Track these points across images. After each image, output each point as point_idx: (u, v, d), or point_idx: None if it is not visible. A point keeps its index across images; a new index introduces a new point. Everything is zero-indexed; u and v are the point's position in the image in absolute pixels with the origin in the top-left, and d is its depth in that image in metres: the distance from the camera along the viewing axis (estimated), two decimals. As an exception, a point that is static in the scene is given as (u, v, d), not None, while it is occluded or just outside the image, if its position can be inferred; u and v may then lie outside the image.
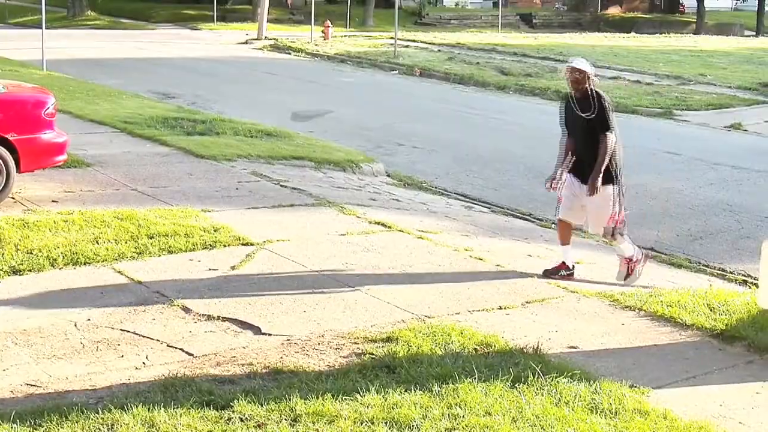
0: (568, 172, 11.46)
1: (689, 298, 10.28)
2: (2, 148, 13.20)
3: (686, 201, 16.63)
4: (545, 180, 11.65)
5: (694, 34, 65.32)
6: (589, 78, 11.20)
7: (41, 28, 33.06)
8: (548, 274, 11.27)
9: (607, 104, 11.15)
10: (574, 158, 11.42)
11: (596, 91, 11.21)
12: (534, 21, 73.70)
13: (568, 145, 11.50)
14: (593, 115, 11.08)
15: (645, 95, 31.45)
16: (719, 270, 12.76)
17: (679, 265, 12.79)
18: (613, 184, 11.27)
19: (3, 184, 13.23)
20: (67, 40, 45.61)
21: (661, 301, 10.18)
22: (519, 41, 52.05)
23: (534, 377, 7.80)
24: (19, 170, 13.42)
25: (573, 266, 11.49)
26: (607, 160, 11.09)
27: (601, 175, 11.09)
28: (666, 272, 12.34)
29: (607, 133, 11.07)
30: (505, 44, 49.02)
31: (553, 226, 14.45)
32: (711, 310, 9.95)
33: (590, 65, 11.34)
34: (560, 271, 11.33)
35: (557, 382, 7.75)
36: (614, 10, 76.68)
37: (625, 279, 11.47)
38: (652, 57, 43.43)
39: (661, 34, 62.74)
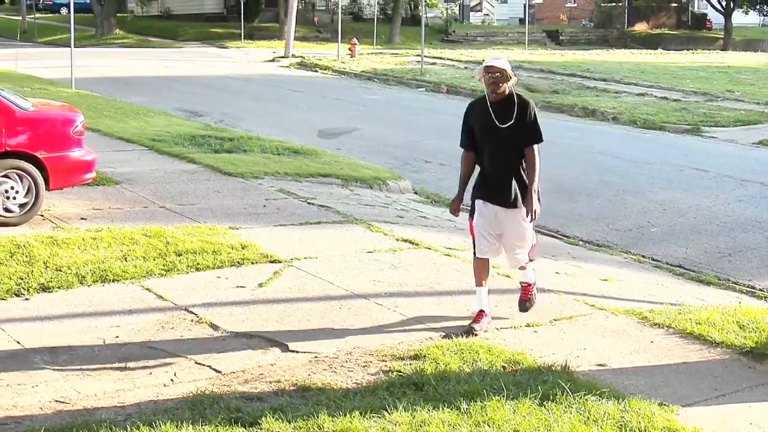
0: (478, 198, 9.80)
1: (718, 316, 10.20)
2: (31, 165, 13.29)
3: (715, 217, 16.54)
4: (450, 202, 10.23)
5: (722, 50, 65.22)
6: (510, 79, 9.54)
7: (70, 46, 33.30)
8: (471, 331, 9.44)
9: (536, 111, 9.65)
10: (481, 179, 9.83)
11: (520, 96, 9.63)
12: (561, 38, 73.72)
13: (470, 161, 9.88)
14: (513, 124, 9.47)
15: (672, 112, 31.34)
16: (748, 287, 12.66)
17: (707, 282, 12.70)
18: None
19: (32, 202, 13.31)
20: (96, 58, 45.90)
21: (690, 319, 10.10)
22: (545, 58, 52.00)
23: (562, 395, 7.76)
24: (48, 188, 13.50)
25: (489, 313, 9.79)
26: (537, 177, 9.60)
27: (536, 196, 9.61)
28: (695, 289, 12.26)
29: (537, 146, 9.61)
30: (532, 61, 48.97)
31: (581, 243, 14.44)
32: (740, 328, 9.88)
33: (510, 65, 9.65)
34: (482, 321, 9.61)
35: (586, 399, 7.70)
36: (641, 27, 76.52)
37: (527, 309, 10.16)
38: (680, 73, 43.30)
39: (688, 50, 62.62)
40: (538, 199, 9.64)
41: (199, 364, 8.58)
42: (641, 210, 16.91)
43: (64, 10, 77.18)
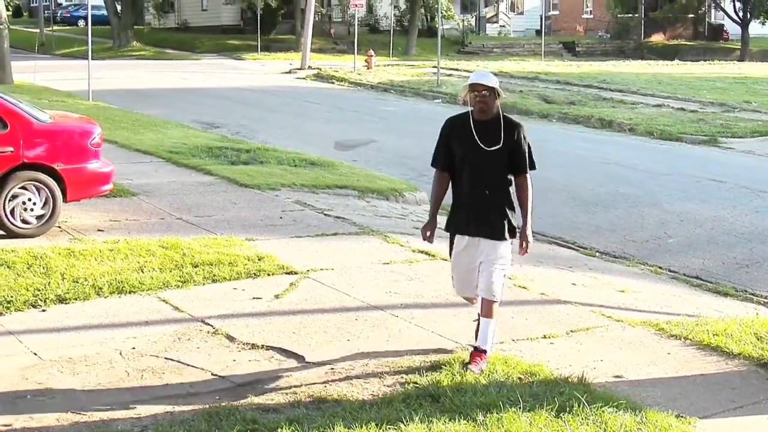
0: (455, 231, 8.95)
1: (736, 327, 10.15)
2: (49, 177, 13.34)
3: (732, 229, 16.49)
4: (421, 228, 9.21)
5: (739, 61, 65.16)
6: (499, 97, 8.80)
7: (87, 59, 33.44)
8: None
9: (527, 135, 8.88)
10: (458, 207, 8.93)
11: (508, 117, 8.92)
12: (577, 49, 73.70)
13: (445, 182, 9.01)
14: (501, 148, 8.64)
15: (689, 123, 31.29)
16: (766, 298, 12.61)
17: (725, 293, 12.66)
18: (514, 239, 8.91)
19: (50, 214, 13.36)
20: (113, 70, 46.10)
21: (708, 330, 10.06)
22: (562, 69, 52.00)
23: (579, 407, 7.73)
24: (65, 199, 13.55)
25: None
26: (531, 208, 8.84)
27: (531, 228, 8.78)
28: (712, 301, 12.22)
29: (528, 174, 8.84)
30: (548, 72, 48.97)
31: (597, 254, 14.40)
32: (758, 339, 9.83)
33: (497, 81, 8.92)
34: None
35: (603, 411, 7.68)
36: (658, 38, 76.44)
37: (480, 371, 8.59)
38: (696, 84, 43.24)
39: (705, 61, 62.59)
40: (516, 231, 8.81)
41: (216, 375, 8.57)
42: (658, 221, 16.87)
43: (81, 23, 77.48)
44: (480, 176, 8.73)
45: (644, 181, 20.80)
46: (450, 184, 9.01)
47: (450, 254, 9.19)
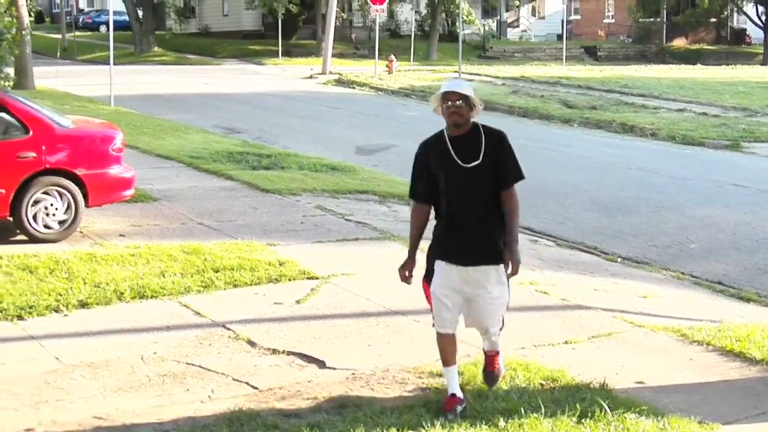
0: (439, 258, 7.93)
1: (758, 333, 10.11)
2: (71, 182, 13.40)
3: (754, 234, 16.41)
4: (399, 268, 8.08)
5: (761, 65, 64.87)
6: (475, 107, 7.92)
7: (109, 64, 33.57)
8: (444, 411, 7.74)
9: (510, 143, 8.02)
10: (442, 234, 7.96)
11: (488, 127, 8.01)
12: (598, 53, 73.49)
13: (424, 216, 8.08)
14: (482, 163, 7.75)
15: (712, 127, 31.13)
16: (789, 304, 12.56)
17: (747, 299, 12.58)
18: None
19: (72, 219, 13.41)
20: (135, 75, 46.24)
21: (730, 336, 10.01)
22: (583, 74, 51.85)
23: (601, 413, 7.71)
24: (87, 205, 13.60)
25: (463, 397, 7.93)
26: (517, 225, 7.99)
27: (517, 247, 7.88)
28: (734, 306, 12.16)
29: (514, 187, 7.94)
30: (570, 77, 48.86)
31: (619, 260, 14.35)
32: (781, 345, 9.79)
33: (473, 90, 8.03)
34: (456, 407, 7.75)
35: (624, 417, 7.65)
36: (679, 42, 76.21)
37: (495, 382, 8.37)
38: (719, 89, 43.03)
39: (727, 65, 62.22)
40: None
41: (237, 380, 8.59)
42: (680, 226, 16.81)
43: (103, 28, 77.86)
44: (464, 196, 7.80)
45: (666, 186, 20.73)
46: (430, 215, 8.07)
47: (425, 285, 8.11)
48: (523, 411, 7.69)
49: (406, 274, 8.00)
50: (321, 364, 9.03)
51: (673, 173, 22.50)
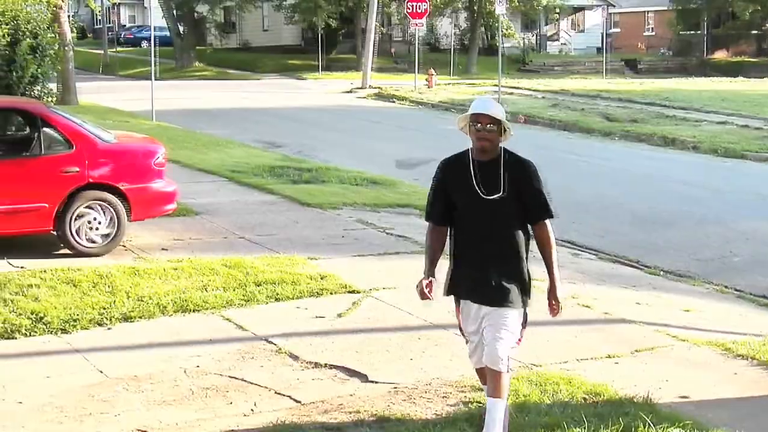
0: (454, 294, 7.50)
1: (804, 347, 10.03)
2: (114, 197, 13.48)
3: (799, 247, 16.27)
4: (417, 285, 7.46)
5: (804, 77, 64.26)
6: (506, 132, 7.28)
7: (151, 79, 33.79)
8: None
9: (540, 175, 7.31)
10: (457, 266, 7.45)
11: (515, 155, 7.33)
12: (639, 66, 73.23)
13: (441, 237, 7.61)
14: (506, 196, 7.12)
15: (754, 140, 30.90)
16: (834, 318, 12.42)
17: (792, 313, 12.48)
18: (528, 297, 7.46)
19: (115, 233, 13.50)
20: (176, 90, 46.50)
21: (775, 350, 9.95)
22: (624, 87, 51.68)
23: (644, 427, 7.66)
24: (130, 219, 13.68)
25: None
26: (556, 261, 7.32)
27: (560, 286, 7.34)
28: (779, 320, 12.06)
29: (548, 221, 7.28)
30: (610, 90, 48.69)
31: (661, 273, 14.26)
32: (827, 360, 9.70)
33: (504, 112, 7.39)
34: None
35: (668, 432, 7.62)
36: (721, 55, 75.76)
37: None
38: (761, 101, 42.71)
39: (769, 77, 61.75)
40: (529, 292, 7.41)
41: (279, 393, 8.61)
42: (723, 239, 16.69)
43: (144, 44, 78.28)
44: (482, 230, 7.21)
45: (708, 199, 20.61)
46: (447, 237, 7.55)
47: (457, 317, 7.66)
48: (565, 425, 7.65)
49: (426, 289, 7.36)
50: (363, 377, 9.04)
51: (715, 186, 22.37)
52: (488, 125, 7.14)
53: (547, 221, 7.21)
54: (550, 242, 7.22)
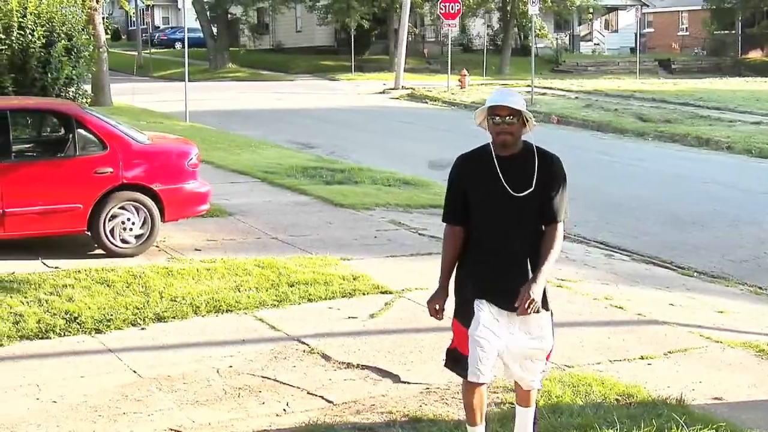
0: (475, 296, 6.65)
1: (839, 349, 9.96)
2: (147, 198, 13.54)
3: (836, 249, 16.15)
4: (428, 301, 6.91)
5: (839, 77, 63.82)
6: (528, 123, 6.67)
7: (184, 80, 33.91)
8: None
9: (564, 173, 6.74)
10: (477, 269, 6.68)
11: (541, 149, 6.74)
12: (673, 66, 72.93)
13: (458, 239, 6.78)
14: (534, 191, 6.55)
15: (789, 140, 30.73)
16: None
17: (827, 314, 12.39)
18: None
19: (148, 233, 13.55)
20: (209, 91, 46.66)
21: (810, 352, 9.89)
22: (657, 87, 51.47)
23: (677, 429, 7.63)
24: (163, 219, 13.74)
25: None
26: (553, 263, 6.59)
27: (542, 285, 6.50)
28: (814, 322, 11.97)
29: (561, 223, 6.65)
30: (643, 90, 48.50)
31: (695, 274, 14.18)
32: None
33: (526, 103, 6.73)
34: None
35: (702, 434, 7.58)
36: (755, 54, 75.33)
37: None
38: (796, 101, 42.47)
39: (804, 77, 61.36)
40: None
41: (311, 394, 8.62)
42: (757, 240, 16.59)
43: (178, 45, 78.61)
44: (508, 230, 6.59)
45: (742, 200, 20.49)
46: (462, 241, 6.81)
47: (456, 322, 6.91)
48: (598, 427, 7.63)
49: (437, 307, 6.81)
50: (395, 378, 9.04)
51: (749, 187, 22.24)
52: (507, 117, 6.51)
53: (561, 223, 6.64)
54: (556, 242, 6.58)
